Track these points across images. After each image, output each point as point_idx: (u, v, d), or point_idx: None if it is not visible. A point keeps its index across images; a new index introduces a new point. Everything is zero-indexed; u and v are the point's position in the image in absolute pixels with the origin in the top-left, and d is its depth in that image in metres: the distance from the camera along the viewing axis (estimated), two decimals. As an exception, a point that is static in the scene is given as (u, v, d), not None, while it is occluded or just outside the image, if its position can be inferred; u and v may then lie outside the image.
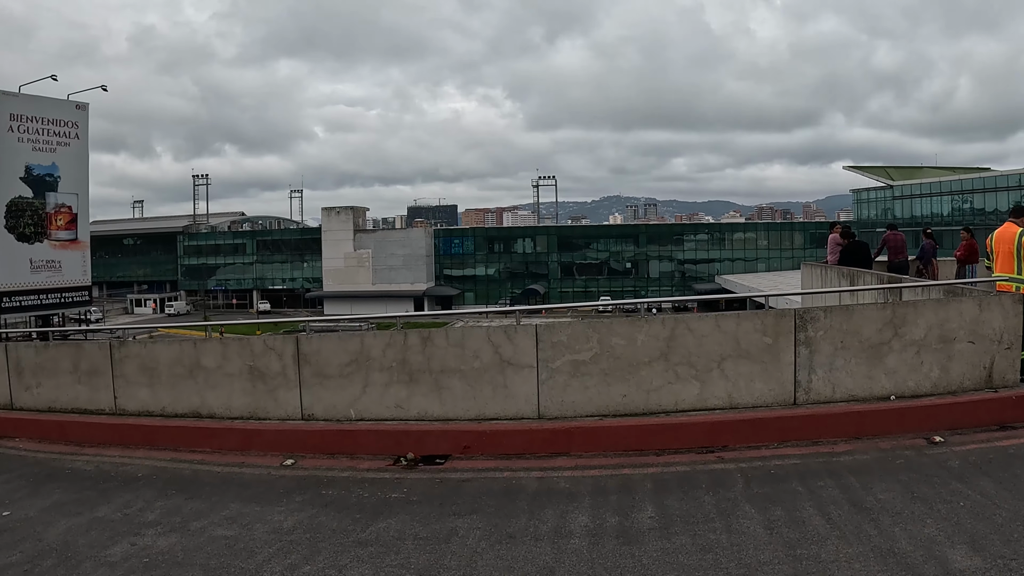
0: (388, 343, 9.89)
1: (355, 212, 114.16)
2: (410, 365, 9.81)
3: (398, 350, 9.85)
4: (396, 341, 9.88)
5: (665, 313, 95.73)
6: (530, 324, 9.71)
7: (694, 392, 9.48)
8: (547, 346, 9.65)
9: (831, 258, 20.19)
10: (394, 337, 9.90)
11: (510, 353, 9.67)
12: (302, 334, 10.10)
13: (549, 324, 9.73)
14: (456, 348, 9.75)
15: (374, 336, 10.06)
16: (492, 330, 9.66)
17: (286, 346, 10.18)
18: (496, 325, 9.80)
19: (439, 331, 9.77)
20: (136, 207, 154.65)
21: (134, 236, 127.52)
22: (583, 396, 9.62)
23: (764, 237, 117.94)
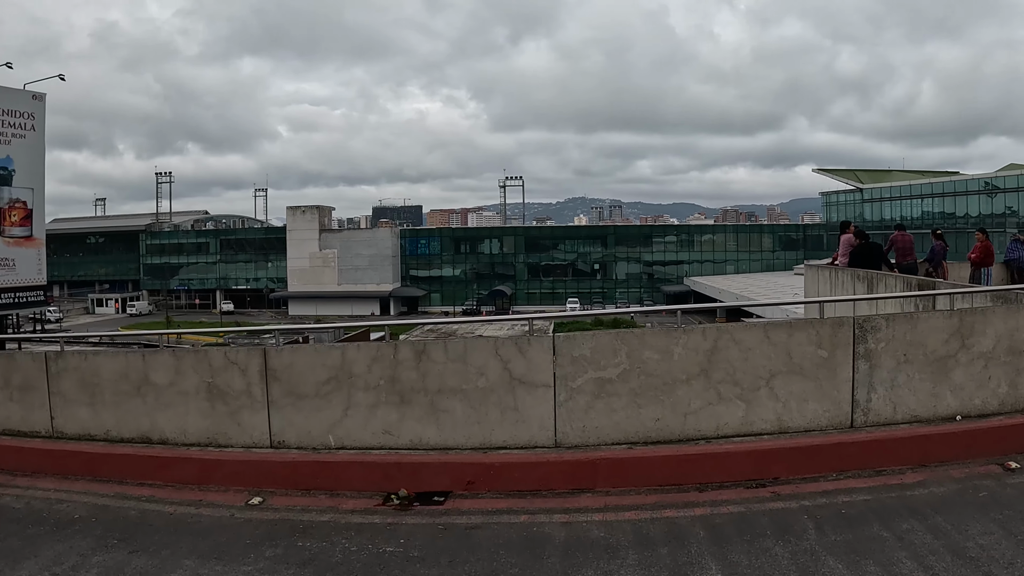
0: (375, 357, 8.33)
1: (320, 212, 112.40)
2: (401, 383, 8.27)
3: (387, 365, 8.30)
4: (384, 355, 8.32)
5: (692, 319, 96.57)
6: (546, 335, 8.20)
7: (738, 415, 8.17)
8: (566, 361, 8.17)
9: (843, 260, 18.80)
10: (382, 350, 8.34)
11: (522, 369, 8.16)
12: (270, 345, 8.52)
13: (569, 335, 8.22)
14: (457, 363, 8.21)
15: (358, 348, 8.49)
16: (501, 342, 8.15)
17: (251, 359, 8.58)
18: (506, 336, 8.26)
19: (436, 343, 8.21)
20: (99, 205, 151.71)
21: (96, 234, 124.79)
22: (609, 420, 8.18)
23: (733, 239, 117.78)
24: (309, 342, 44.51)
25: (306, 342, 44.21)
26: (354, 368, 8.32)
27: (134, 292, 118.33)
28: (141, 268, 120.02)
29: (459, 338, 8.27)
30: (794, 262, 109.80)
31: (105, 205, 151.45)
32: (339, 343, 8.15)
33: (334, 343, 8.46)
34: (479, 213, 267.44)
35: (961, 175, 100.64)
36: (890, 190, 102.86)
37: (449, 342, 8.24)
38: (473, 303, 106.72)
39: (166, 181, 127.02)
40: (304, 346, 8.41)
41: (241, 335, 51.77)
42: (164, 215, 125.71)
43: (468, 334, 44.06)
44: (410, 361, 8.23)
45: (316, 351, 8.50)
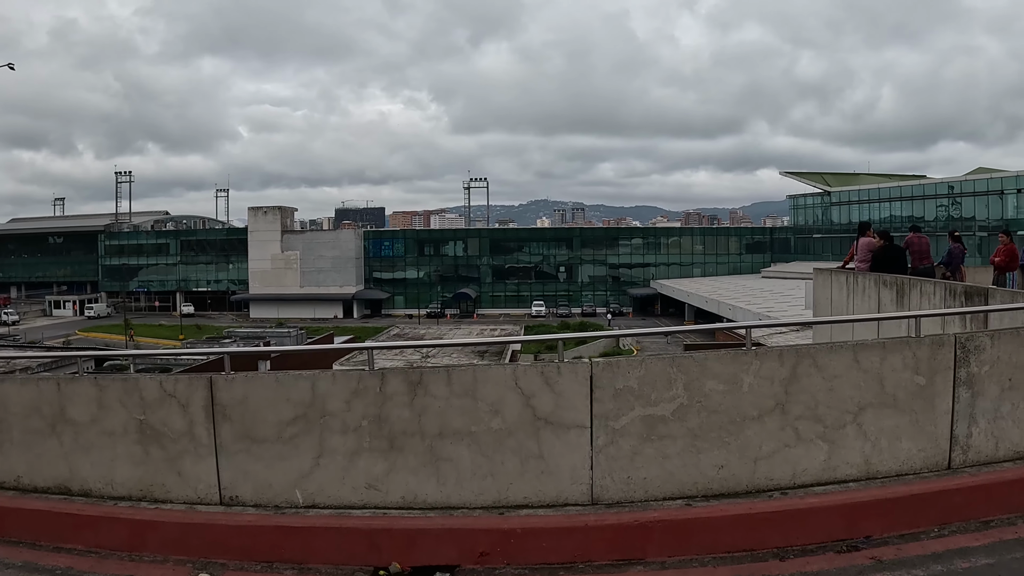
0: (355, 390, 6.46)
1: (283, 212, 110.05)
2: (391, 424, 6.42)
3: (371, 401, 6.44)
4: (368, 387, 6.46)
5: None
6: (582, 361, 6.38)
7: (820, 458, 6.62)
8: (607, 395, 6.39)
9: (862, 265, 17.12)
10: (365, 381, 6.47)
11: (549, 406, 6.36)
12: (218, 375, 6.63)
13: (611, 362, 6.45)
14: (464, 399, 6.37)
15: (332, 378, 6.59)
16: (522, 371, 6.33)
17: (193, 391, 6.66)
18: (528, 364, 6.37)
19: (437, 373, 6.37)
20: (57, 205, 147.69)
21: (54, 235, 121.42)
22: (660, 470, 6.46)
23: (699, 242, 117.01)
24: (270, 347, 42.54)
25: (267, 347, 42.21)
26: (328, 404, 6.46)
27: (93, 294, 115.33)
28: (100, 269, 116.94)
29: (467, 367, 6.35)
30: (761, 265, 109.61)
31: (64, 205, 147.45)
32: (309, 372, 6.10)
33: (302, 372, 6.41)
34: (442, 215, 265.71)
35: (929, 179, 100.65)
36: (858, 193, 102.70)
37: (454, 371, 6.37)
38: (438, 306, 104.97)
39: (126, 181, 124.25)
40: (262, 376, 6.53)
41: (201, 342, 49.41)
42: (124, 215, 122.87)
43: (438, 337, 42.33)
44: (402, 396, 6.38)
45: (278, 382, 6.56)
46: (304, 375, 6.52)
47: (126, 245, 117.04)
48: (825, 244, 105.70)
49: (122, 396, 6.81)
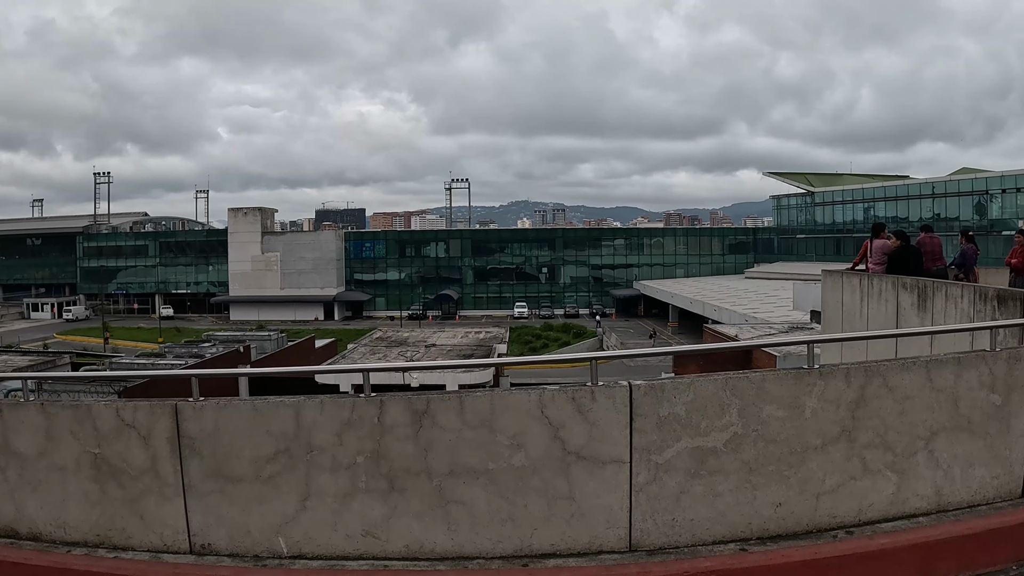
0: (348, 421, 5.45)
1: (263, 213, 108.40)
2: (391, 461, 5.43)
3: (367, 434, 5.44)
4: (363, 417, 5.46)
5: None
6: (619, 384, 5.39)
7: (887, 491, 5.81)
8: (650, 424, 5.43)
9: (878, 267, 16.21)
10: (360, 410, 5.46)
11: (581, 438, 5.39)
12: (184, 401, 5.63)
13: (655, 385, 5.45)
14: (479, 430, 5.38)
15: (321, 407, 5.53)
16: (549, 397, 5.34)
17: (156, 422, 5.64)
18: (556, 388, 5.35)
19: (446, 400, 5.36)
20: (36, 206, 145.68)
21: (32, 236, 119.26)
22: (710, 510, 5.54)
23: (682, 243, 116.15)
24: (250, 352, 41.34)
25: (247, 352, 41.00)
26: (316, 437, 5.46)
27: (71, 296, 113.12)
28: (78, 271, 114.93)
29: (483, 393, 5.32)
30: (744, 266, 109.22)
31: (43, 206, 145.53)
32: (292, 398, 5.03)
33: (284, 399, 5.35)
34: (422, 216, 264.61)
35: (912, 179, 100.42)
36: (841, 194, 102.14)
37: (467, 398, 5.36)
38: (419, 307, 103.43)
39: (104, 181, 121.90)
40: (236, 403, 5.51)
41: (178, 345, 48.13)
42: (102, 217, 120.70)
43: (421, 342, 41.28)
44: (404, 428, 5.39)
45: (255, 411, 5.54)
46: (287, 402, 5.52)
47: (105, 247, 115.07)
48: (809, 244, 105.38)
49: (73, 426, 5.79)
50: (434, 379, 30.74)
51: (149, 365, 36.43)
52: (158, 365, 36.13)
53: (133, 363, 38.12)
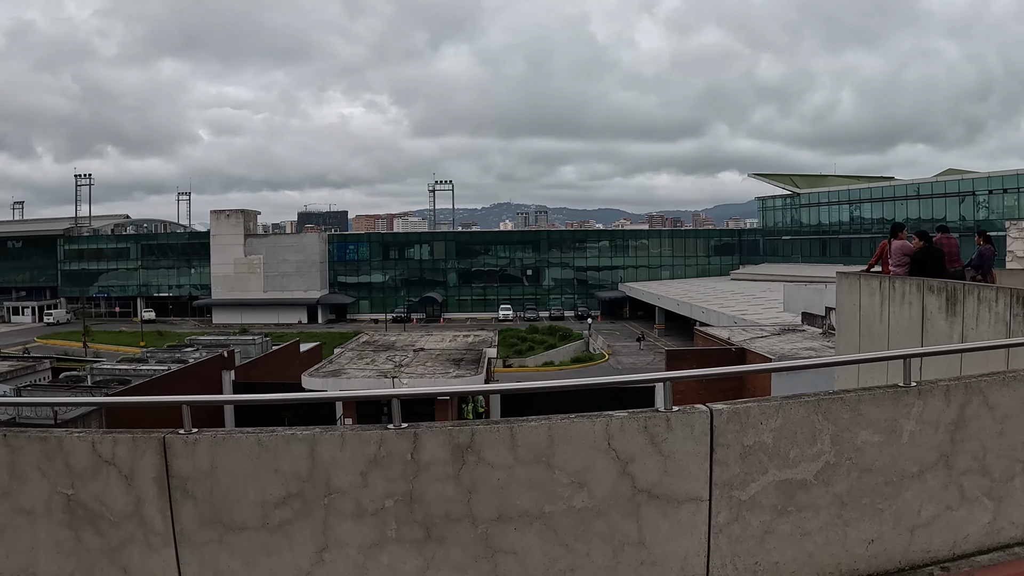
0: (375, 459, 4.54)
1: (246, 216, 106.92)
2: (427, 505, 4.53)
3: (398, 473, 4.55)
4: (393, 454, 4.56)
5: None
6: (698, 409, 4.54)
7: (983, 520, 5.19)
8: (732, 455, 4.61)
9: (898, 269, 15.44)
10: (389, 445, 4.55)
11: (655, 473, 4.55)
12: (174, 434, 4.71)
13: (737, 409, 4.60)
14: (534, 467, 4.50)
15: (341, 442, 4.58)
16: (618, 426, 4.48)
17: (140, 458, 4.72)
18: (625, 415, 4.47)
19: (494, 431, 4.46)
20: (16, 209, 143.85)
21: (12, 239, 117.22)
22: (797, 551, 4.79)
23: (668, 244, 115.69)
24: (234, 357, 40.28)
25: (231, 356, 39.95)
26: (336, 477, 4.55)
27: (52, 300, 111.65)
28: (59, 274, 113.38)
29: (539, 422, 4.40)
30: (729, 267, 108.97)
31: (23, 209, 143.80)
32: (306, 431, 4.06)
33: (296, 433, 4.41)
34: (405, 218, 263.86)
35: (898, 180, 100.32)
36: (827, 195, 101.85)
37: (520, 429, 4.46)
38: (403, 310, 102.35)
39: (85, 183, 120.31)
40: (237, 437, 4.59)
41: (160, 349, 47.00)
42: (83, 219, 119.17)
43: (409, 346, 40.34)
44: (444, 465, 4.50)
45: (260, 445, 4.61)
46: (299, 436, 4.60)
47: (86, 249, 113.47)
48: (794, 246, 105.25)
49: (41, 461, 4.85)
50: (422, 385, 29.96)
51: (131, 371, 35.34)
52: (140, 371, 35.06)
53: (114, 368, 37.01)
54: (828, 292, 48.01)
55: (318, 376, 31.55)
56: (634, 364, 67.49)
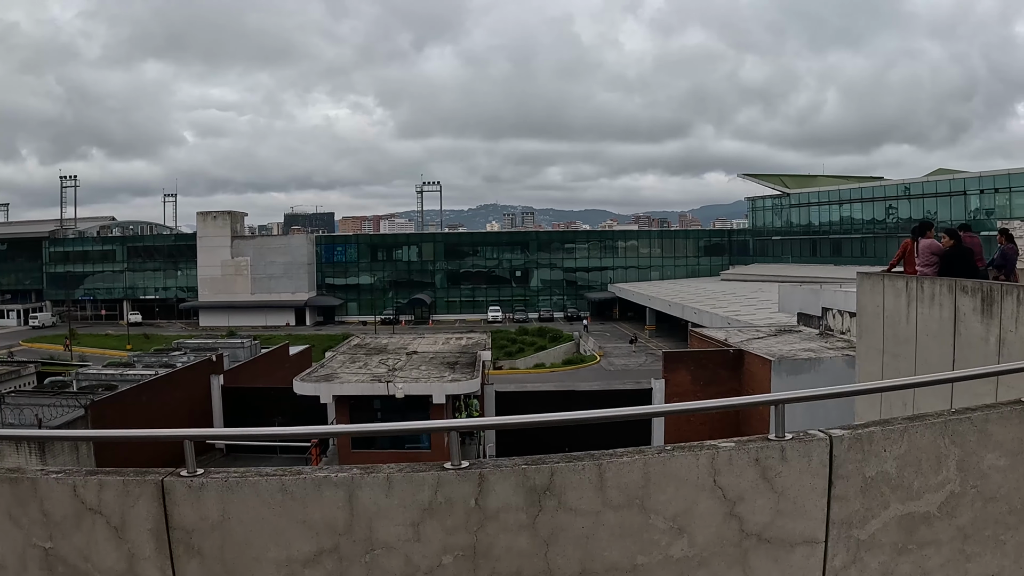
0: (429, 506, 3.75)
1: (232, 217, 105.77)
2: (494, 561, 3.76)
3: (459, 522, 3.77)
4: (453, 499, 3.77)
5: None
6: (816, 436, 3.78)
7: None
8: (852, 488, 3.95)
9: (926, 269, 14.72)
10: (448, 490, 3.77)
11: (765, 513, 3.84)
12: (175, 477, 3.87)
13: (859, 436, 3.90)
14: (627, 512, 3.75)
15: (387, 487, 3.80)
16: (725, 459, 3.75)
17: (132, 507, 3.91)
18: (732, 445, 3.71)
19: (581, 471, 3.67)
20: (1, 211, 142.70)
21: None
22: None
23: (657, 245, 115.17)
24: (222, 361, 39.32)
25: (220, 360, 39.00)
26: (381, 529, 3.76)
27: (37, 303, 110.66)
28: (44, 277, 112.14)
29: (632, 457, 3.62)
30: (719, 268, 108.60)
31: (8, 211, 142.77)
32: (342, 473, 3.20)
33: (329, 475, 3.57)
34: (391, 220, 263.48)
35: (888, 180, 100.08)
36: (817, 195, 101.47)
37: (610, 466, 3.69)
38: (392, 312, 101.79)
39: (71, 185, 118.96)
40: (254, 481, 3.75)
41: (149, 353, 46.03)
42: (69, 221, 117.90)
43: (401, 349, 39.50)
44: (516, 512, 3.73)
45: (285, 491, 3.86)
46: (334, 479, 3.79)
47: (71, 252, 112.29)
48: (784, 246, 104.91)
49: (12, 507, 4.03)
50: (418, 390, 29.23)
51: (118, 376, 34.43)
52: (127, 376, 34.14)
53: (100, 373, 36.08)
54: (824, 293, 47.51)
55: (310, 381, 30.65)
56: (626, 366, 66.80)
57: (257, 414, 35.45)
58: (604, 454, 3.67)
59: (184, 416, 34.00)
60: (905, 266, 16.04)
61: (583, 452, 3.68)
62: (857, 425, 3.93)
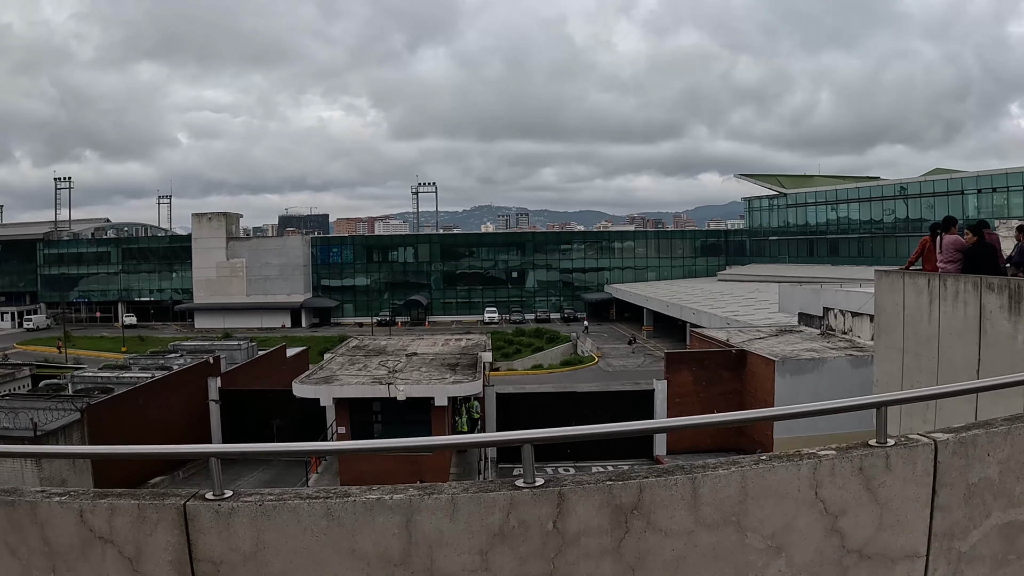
0: (500, 531, 3.32)
1: (228, 218, 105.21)
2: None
3: (535, 549, 3.34)
4: (528, 522, 3.34)
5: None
6: (918, 442, 3.44)
7: None
8: (956, 496, 3.64)
9: (950, 267, 14.36)
10: (522, 511, 3.34)
11: (867, 527, 3.50)
12: (199, 502, 3.41)
13: (964, 440, 3.62)
14: (721, 531, 3.38)
15: (451, 510, 3.36)
16: (827, 470, 3.43)
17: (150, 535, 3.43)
18: (833, 454, 3.36)
19: (670, 486, 3.30)
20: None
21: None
22: None
23: (653, 246, 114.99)
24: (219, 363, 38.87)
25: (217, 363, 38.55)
26: (443, 558, 3.38)
27: (31, 305, 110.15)
28: (39, 279, 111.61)
29: (728, 469, 3.24)
30: (716, 268, 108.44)
31: (2, 213, 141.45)
32: (397, 494, 2.76)
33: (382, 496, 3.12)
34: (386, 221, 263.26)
35: (884, 180, 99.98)
36: (814, 195, 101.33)
37: (704, 481, 3.37)
38: (388, 314, 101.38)
39: (65, 187, 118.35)
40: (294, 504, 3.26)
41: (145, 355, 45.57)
42: (63, 223, 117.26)
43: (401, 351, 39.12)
44: (600, 535, 3.35)
45: (330, 516, 3.40)
46: (388, 502, 3.37)
47: (66, 254, 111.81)
48: (781, 246, 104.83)
49: (8, 535, 3.60)
50: (420, 392, 28.83)
51: (114, 379, 33.99)
52: (123, 379, 33.71)
53: (96, 376, 35.65)
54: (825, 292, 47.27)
55: (310, 383, 30.25)
56: (624, 367, 66.54)
57: (255, 417, 35.05)
58: (697, 467, 3.31)
59: (181, 420, 33.61)
60: (924, 264, 15.70)
61: (673, 465, 3.32)
62: (959, 428, 3.59)
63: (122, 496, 3.54)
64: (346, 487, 3.52)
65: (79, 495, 3.56)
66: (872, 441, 3.49)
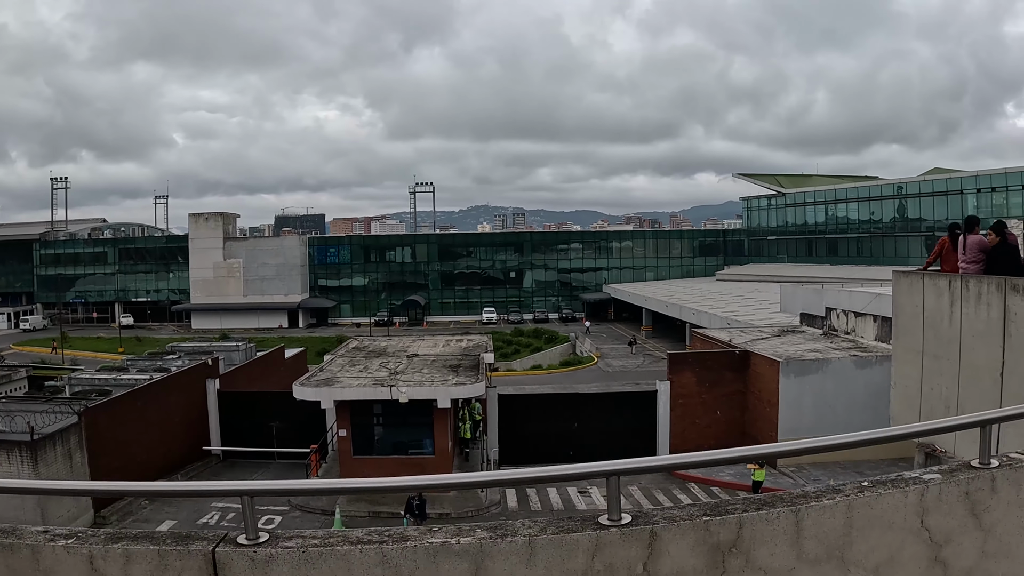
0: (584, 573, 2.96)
1: (224, 219, 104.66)
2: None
3: None
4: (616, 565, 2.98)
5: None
6: None
7: None
8: None
9: (972, 267, 14.02)
10: (610, 553, 2.99)
11: (970, 556, 3.19)
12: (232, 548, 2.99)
13: None
14: (823, 566, 3.05)
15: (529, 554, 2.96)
16: (934, 496, 3.13)
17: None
18: (940, 478, 3.04)
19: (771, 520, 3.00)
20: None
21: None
22: None
23: (652, 245, 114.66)
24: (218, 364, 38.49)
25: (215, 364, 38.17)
26: None
27: (28, 305, 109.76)
28: (35, 279, 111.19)
29: (833, 498, 2.92)
30: (714, 268, 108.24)
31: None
32: (464, 537, 2.37)
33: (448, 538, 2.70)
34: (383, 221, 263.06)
35: (880, 180, 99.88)
36: (812, 195, 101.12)
37: (808, 513, 3.06)
38: (386, 314, 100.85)
39: (61, 187, 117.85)
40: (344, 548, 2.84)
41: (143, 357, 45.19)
42: (59, 223, 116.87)
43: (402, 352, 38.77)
44: (693, 574, 3.02)
45: (386, 565, 2.95)
46: (452, 546, 3.00)
47: (62, 254, 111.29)
48: (779, 246, 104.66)
49: None
50: (422, 394, 28.43)
51: (112, 380, 33.62)
52: (121, 381, 33.34)
53: (94, 378, 35.28)
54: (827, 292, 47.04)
55: (310, 385, 29.87)
56: (624, 367, 66.21)
57: (255, 419, 34.72)
58: (799, 498, 2.99)
59: (180, 422, 33.27)
60: (943, 264, 15.39)
61: (773, 496, 2.98)
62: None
63: (138, 540, 3.15)
64: (402, 529, 3.16)
65: (88, 538, 3.17)
66: (975, 462, 3.19)
